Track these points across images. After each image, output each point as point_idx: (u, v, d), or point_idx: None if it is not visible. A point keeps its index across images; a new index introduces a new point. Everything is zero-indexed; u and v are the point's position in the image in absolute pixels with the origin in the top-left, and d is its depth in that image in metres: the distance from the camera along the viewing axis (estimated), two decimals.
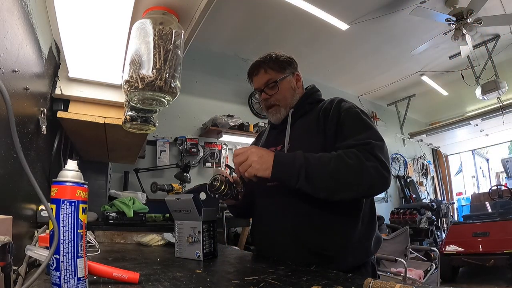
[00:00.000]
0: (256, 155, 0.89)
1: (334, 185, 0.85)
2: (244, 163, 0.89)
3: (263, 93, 1.11)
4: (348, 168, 0.84)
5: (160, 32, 0.76)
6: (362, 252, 0.95)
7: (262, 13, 3.28)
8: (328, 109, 1.02)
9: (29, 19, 0.76)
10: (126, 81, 0.76)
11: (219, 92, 3.88)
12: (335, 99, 1.07)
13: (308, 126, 1.04)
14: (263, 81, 1.10)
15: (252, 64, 1.15)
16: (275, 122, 1.15)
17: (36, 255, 0.53)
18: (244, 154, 0.90)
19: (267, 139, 1.20)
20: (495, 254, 3.11)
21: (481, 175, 7.53)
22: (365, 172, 0.83)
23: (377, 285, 0.53)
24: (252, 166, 0.88)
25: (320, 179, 0.86)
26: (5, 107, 0.46)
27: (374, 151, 0.86)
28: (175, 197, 0.99)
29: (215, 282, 0.67)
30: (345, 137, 0.93)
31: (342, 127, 0.96)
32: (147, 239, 1.33)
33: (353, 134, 0.92)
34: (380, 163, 0.84)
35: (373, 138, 0.89)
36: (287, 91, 1.11)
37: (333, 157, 0.86)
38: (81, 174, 0.53)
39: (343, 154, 0.86)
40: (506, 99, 4.47)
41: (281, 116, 1.11)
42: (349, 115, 0.97)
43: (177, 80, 0.78)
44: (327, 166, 0.85)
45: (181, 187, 3.04)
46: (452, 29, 3.28)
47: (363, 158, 0.84)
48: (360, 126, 0.95)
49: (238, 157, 0.92)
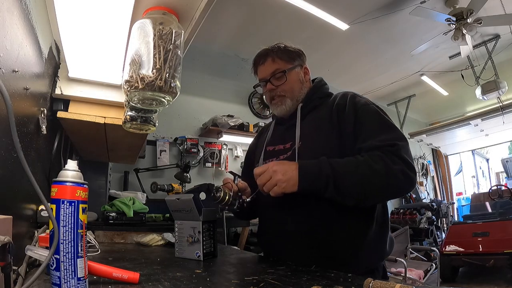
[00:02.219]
0: (280, 172, 0.83)
1: (363, 192, 0.82)
2: (268, 183, 0.84)
3: (269, 83, 1.03)
4: (376, 174, 0.80)
5: (160, 32, 0.76)
6: (377, 254, 0.92)
7: (262, 13, 3.28)
8: (342, 106, 0.96)
9: (29, 19, 0.76)
10: (126, 81, 0.76)
11: (219, 92, 3.88)
12: (347, 94, 1.00)
13: (319, 122, 0.98)
14: (269, 71, 1.03)
15: (258, 53, 1.07)
16: (279, 114, 1.07)
17: (36, 255, 0.53)
18: (267, 173, 0.85)
19: (273, 135, 1.12)
20: (495, 254, 3.11)
21: (481, 175, 7.53)
22: (392, 177, 0.80)
23: (377, 285, 0.53)
24: (278, 185, 0.83)
25: (349, 187, 0.82)
26: (5, 107, 0.46)
27: (400, 153, 0.82)
28: (175, 197, 0.99)
29: (215, 282, 0.67)
30: (366, 137, 0.88)
31: (361, 126, 0.90)
32: (147, 239, 1.33)
33: (375, 134, 0.87)
34: (406, 165, 0.81)
35: (397, 139, 0.85)
36: (295, 83, 1.04)
37: (359, 163, 0.82)
38: (81, 174, 0.53)
39: (369, 159, 0.82)
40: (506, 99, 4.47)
41: (286, 108, 1.04)
42: (368, 113, 0.92)
43: (177, 80, 0.78)
44: (354, 173, 0.81)
45: (181, 187, 3.04)
46: (452, 29, 3.28)
47: (389, 162, 0.80)
48: (381, 125, 0.90)
49: (260, 177, 0.86)
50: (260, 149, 1.14)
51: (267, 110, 4.17)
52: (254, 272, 0.76)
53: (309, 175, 0.84)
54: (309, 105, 1.03)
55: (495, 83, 4.02)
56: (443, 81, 5.14)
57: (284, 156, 1.02)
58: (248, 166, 1.24)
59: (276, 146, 1.08)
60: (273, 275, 0.71)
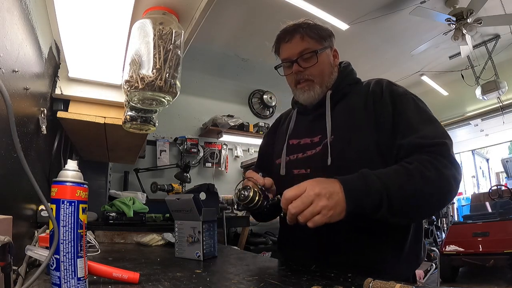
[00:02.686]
0: (325, 196, 0.65)
1: (417, 208, 0.71)
2: (307, 211, 0.65)
3: (295, 64, 0.89)
4: (430, 184, 0.69)
5: (160, 32, 0.76)
6: (414, 261, 0.83)
7: (262, 13, 3.28)
8: (378, 94, 0.85)
9: (29, 19, 0.76)
10: (126, 81, 0.76)
11: (219, 92, 3.88)
12: (382, 80, 0.90)
13: (353, 113, 0.86)
14: (298, 50, 0.89)
15: (284, 28, 0.93)
16: (305, 101, 0.93)
17: (36, 255, 0.53)
18: (306, 197, 0.65)
19: (297, 127, 0.98)
20: (495, 254, 3.11)
21: (481, 175, 7.53)
22: (446, 185, 0.71)
23: (377, 285, 0.53)
24: (323, 214, 0.64)
25: (403, 204, 0.69)
26: (5, 107, 0.46)
27: (448, 155, 0.73)
28: (175, 197, 0.99)
29: (215, 282, 0.67)
30: (406, 132, 0.77)
31: (400, 118, 0.79)
32: (147, 239, 1.33)
33: (416, 129, 0.76)
34: (455, 168, 0.72)
35: (442, 136, 0.75)
36: (325, 66, 0.91)
37: (410, 172, 0.70)
38: (81, 174, 0.53)
39: (421, 167, 0.70)
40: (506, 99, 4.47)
41: (314, 95, 0.91)
42: (407, 104, 0.81)
43: (177, 80, 0.78)
44: (407, 187, 0.69)
45: (181, 187, 3.04)
46: (452, 29, 3.28)
47: (440, 167, 0.70)
48: (422, 119, 0.79)
49: (296, 203, 0.66)
50: (280, 142, 1.01)
51: (267, 110, 4.17)
52: (254, 272, 0.76)
53: (357, 195, 0.68)
54: (339, 93, 0.91)
55: (495, 83, 4.02)
56: (443, 81, 5.14)
57: (312, 151, 0.89)
58: (263, 163, 1.11)
59: (301, 139, 0.95)
60: (273, 275, 0.71)
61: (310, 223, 0.65)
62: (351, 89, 0.92)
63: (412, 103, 0.82)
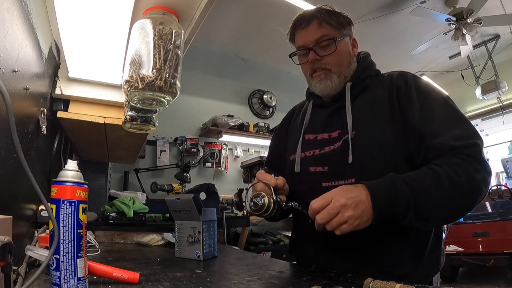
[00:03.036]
0: (351, 207, 0.64)
1: (445, 214, 0.69)
2: (334, 221, 0.65)
3: (312, 52, 0.83)
4: (459, 191, 0.66)
5: (160, 32, 0.76)
6: (434, 265, 0.79)
7: (262, 13, 3.28)
8: (403, 88, 0.79)
9: (29, 19, 0.76)
10: (126, 81, 0.76)
11: (219, 92, 3.88)
12: (406, 73, 0.84)
13: (375, 108, 0.80)
14: (315, 37, 0.83)
15: (301, 14, 0.88)
16: (321, 91, 0.87)
17: (36, 255, 0.53)
18: (332, 208, 0.64)
19: (313, 120, 0.92)
20: (495, 254, 3.11)
21: None
22: (475, 191, 0.67)
23: (377, 285, 0.53)
24: (349, 224, 0.64)
25: (432, 210, 0.67)
26: (5, 107, 0.46)
27: (480, 157, 0.69)
28: (175, 197, 0.99)
29: (215, 282, 0.67)
30: (436, 132, 0.72)
31: (428, 116, 0.74)
32: (147, 239, 1.33)
33: (447, 129, 0.72)
34: (486, 170, 0.68)
35: (473, 136, 0.71)
36: (344, 55, 0.85)
37: (440, 178, 0.66)
38: (81, 174, 0.53)
39: (451, 172, 0.66)
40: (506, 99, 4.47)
41: (332, 84, 0.85)
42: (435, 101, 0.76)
43: (177, 80, 0.78)
44: (436, 192, 0.66)
45: (181, 187, 3.04)
46: (452, 29, 3.28)
47: (472, 171, 0.66)
48: (452, 117, 0.74)
49: (323, 214, 0.65)
50: (294, 136, 0.95)
51: (266, 110, 4.17)
52: (254, 272, 0.76)
53: (384, 202, 0.66)
54: (360, 85, 0.85)
55: (495, 83, 4.02)
56: (443, 81, 5.13)
57: (330, 148, 0.84)
58: (274, 159, 1.06)
59: (318, 134, 0.88)
60: (273, 275, 0.71)
61: (337, 231, 0.65)
62: (372, 81, 0.86)
63: (441, 99, 0.77)
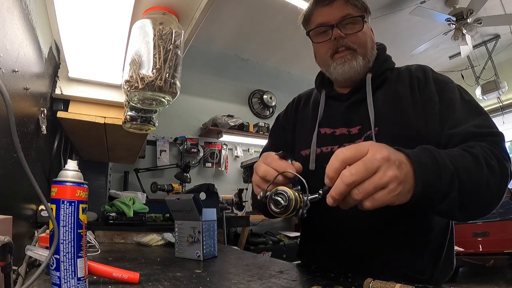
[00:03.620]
0: (394, 164, 0.47)
1: (484, 200, 0.58)
2: (370, 182, 0.45)
3: (335, 29, 0.76)
4: (495, 176, 0.57)
5: (160, 32, 0.76)
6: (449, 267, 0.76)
7: (262, 13, 3.28)
8: (422, 80, 0.76)
9: (29, 19, 0.76)
10: (126, 81, 0.76)
11: (219, 92, 3.88)
12: (425, 67, 0.80)
13: (398, 102, 0.75)
14: (340, 14, 0.77)
15: None
16: (343, 74, 0.78)
17: (36, 255, 0.53)
18: (371, 161, 0.46)
19: (329, 113, 0.83)
20: (495, 254, 3.11)
21: None
22: (506, 178, 0.59)
23: (377, 285, 0.53)
24: (390, 190, 0.46)
25: (471, 194, 0.55)
26: (5, 107, 0.46)
27: (505, 147, 0.64)
28: (175, 197, 0.99)
29: (215, 282, 0.67)
30: (456, 122, 0.67)
31: (448, 107, 0.70)
32: (147, 239, 1.33)
33: (467, 119, 0.67)
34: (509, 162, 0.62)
35: (495, 127, 0.66)
36: (369, 39, 0.80)
37: (477, 157, 0.57)
38: (81, 174, 0.53)
39: (485, 154, 0.58)
40: (506, 99, 4.47)
41: (357, 67, 0.77)
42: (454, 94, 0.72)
43: (177, 80, 0.78)
44: (475, 173, 0.55)
45: (181, 187, 3.04)
46: (452, 29, 3.28)
47: (502, 158, 0.60)
48: (472, 109, 0.70)
49: (357, 166, 0.46)
50: (305, 129, 0.87)
51: (266, 110, 4.17)
52: (254, 272, 0.76)
53: (428, 173, 0.51)
54: (380, 78, 0.80)
55: (495, 83, 4.02)
56: None
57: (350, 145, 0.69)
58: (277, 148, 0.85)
59: (336, 129, 0.81)
60: (273, 275, 0.71)
61: (368, 202, 0.46)
62: (390, 74, 0.82)
63: (458, 93, 0.73)
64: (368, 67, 0.81)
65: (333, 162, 0.48)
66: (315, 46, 0.85)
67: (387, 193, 0.46)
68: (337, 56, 0.79)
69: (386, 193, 0.46)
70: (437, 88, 0.74)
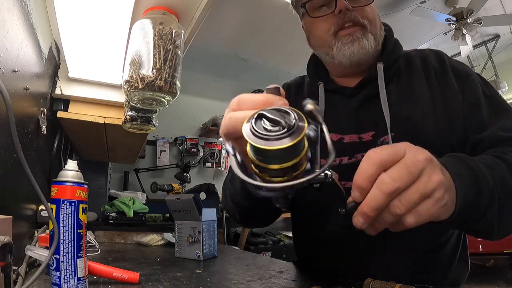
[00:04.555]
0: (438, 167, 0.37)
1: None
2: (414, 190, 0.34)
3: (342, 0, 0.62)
4: None
5: (160, 32, 0.76)
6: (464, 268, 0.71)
7: (262, 13, 3.28)
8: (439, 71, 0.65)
9: (29, 19, 0.76)
10: (126, 81, 0.76)
11: (219, 92, 3.88)
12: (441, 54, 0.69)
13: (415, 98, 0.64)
14: None
15: None
16: (351, 56, 0.63)
17: (36, 255, 0.53)
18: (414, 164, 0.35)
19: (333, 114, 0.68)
20: (495, 254, 3.11)
21: None
22: None
23: (377, 285, 0.53)
24: (436, 199, 0.35)
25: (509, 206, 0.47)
26: (5, 107, 0.46)
27: None
28: (175, 197, 0.99)
29: (215, 282, 0.67)
30: (483, 124, 0.59)
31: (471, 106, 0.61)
32: (147, 239, 1.33)
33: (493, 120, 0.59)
34: None
35: None
36: (377, 17, 0.67)
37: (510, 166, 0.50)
38: (81, 174, 0.53)
39: None
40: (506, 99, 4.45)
41: (368, 47, 0.63)
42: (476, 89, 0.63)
43: (177, 80, 0.78)
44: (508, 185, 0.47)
45: (181, 187, 3.04)
46: (452, 29, 3.28)
47: None
48: (497, 107, 0.62)
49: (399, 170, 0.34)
50: None
51: None
52: (254, 272, 0.76)
53: (465, 181, 0.42)
54: (393, 67, 0.67)
55: (495, 83, 4.02)
56: None
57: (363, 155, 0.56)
58: None
59: (344, 135, 0.66)
60: (273, 275, 0.71)
61: (411, 217, 0.35)
62: (404, 64, 0.69)
63: (481, 87, 0.64)
64: (377, 52, 0.67)
65: (366, 167, 0.36)
66: (311, 23, 0.69)
67: (433, 203, 0.35)
68: (343, 33, 0.63)
69: (432, 204, 0.35)
70: (458, 82, 0.64)
